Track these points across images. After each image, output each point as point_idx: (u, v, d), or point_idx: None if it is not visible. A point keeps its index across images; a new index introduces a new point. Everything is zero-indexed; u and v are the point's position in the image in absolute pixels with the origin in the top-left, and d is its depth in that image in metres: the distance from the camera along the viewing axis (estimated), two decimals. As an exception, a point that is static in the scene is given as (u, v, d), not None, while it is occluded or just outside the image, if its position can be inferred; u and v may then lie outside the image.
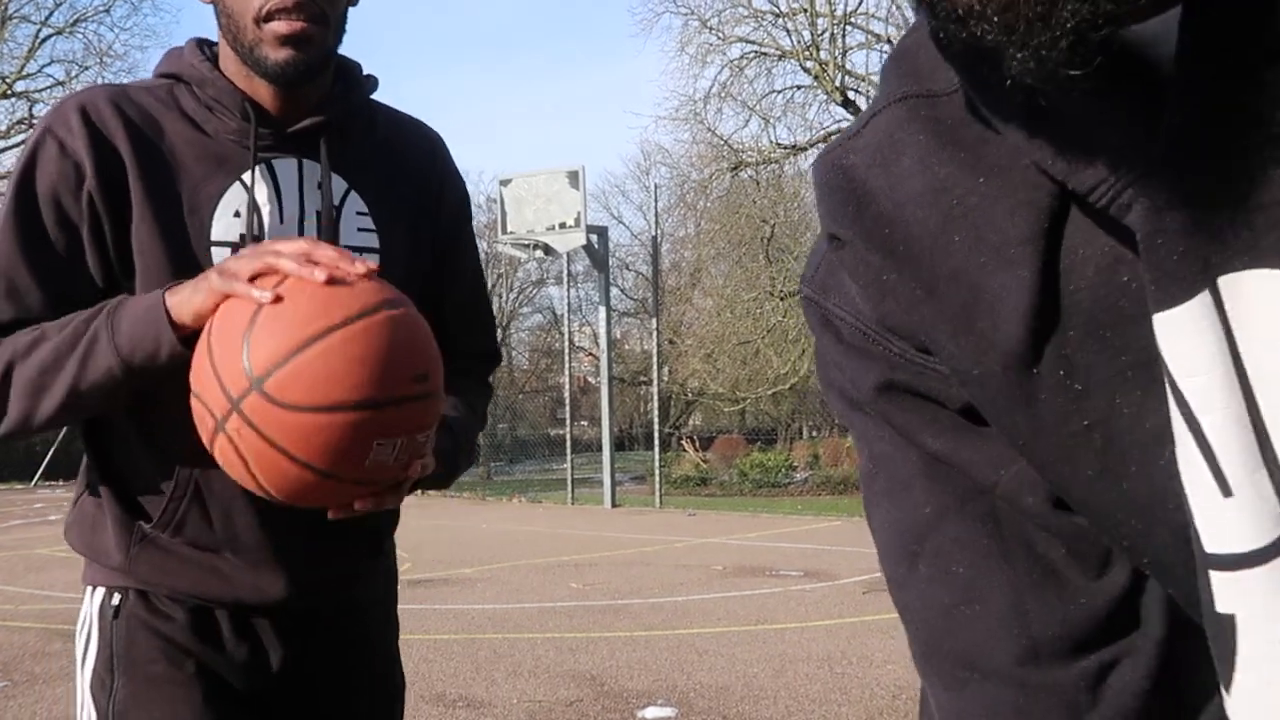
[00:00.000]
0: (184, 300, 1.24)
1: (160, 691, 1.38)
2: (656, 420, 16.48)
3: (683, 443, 21.87)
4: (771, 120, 18.88)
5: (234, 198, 1.39)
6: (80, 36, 26.00)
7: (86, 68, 25.43)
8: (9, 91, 24.91)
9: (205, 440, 1.21)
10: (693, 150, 20.40)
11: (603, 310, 16.73)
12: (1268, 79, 0.44)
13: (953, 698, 0.61)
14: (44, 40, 25.01)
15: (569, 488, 16.85)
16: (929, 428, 0.61)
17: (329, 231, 1.41)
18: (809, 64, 18.05)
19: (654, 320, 17.53)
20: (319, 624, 1.49)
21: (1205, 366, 0.48)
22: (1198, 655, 0.54)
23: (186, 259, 1.35)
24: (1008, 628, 0.59)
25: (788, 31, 18.43)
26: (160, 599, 1.41)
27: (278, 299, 1.17)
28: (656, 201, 18.37)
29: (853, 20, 18.07)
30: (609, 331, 16.90)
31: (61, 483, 21.52)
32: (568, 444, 17.17)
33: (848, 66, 18.24)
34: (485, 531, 10.76)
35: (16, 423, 1.33)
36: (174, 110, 1.40)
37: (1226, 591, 0.49)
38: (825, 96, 18.19)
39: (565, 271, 18.19)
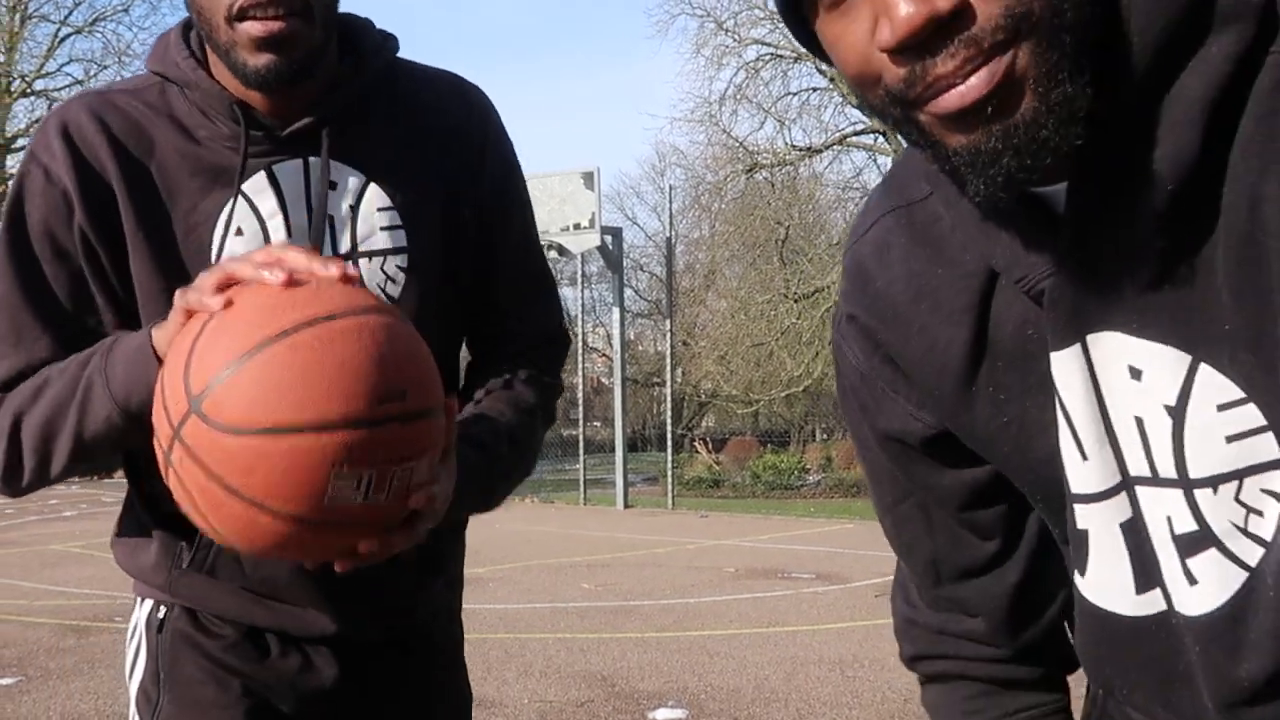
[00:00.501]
0: (163, 332, 1.12)
1: (205, 715, 1.32)
2: (669, 421, 16.48)
3: (695, 444, 21.85)
4: (787, 122, 18.89)
5: (235, 214, 1.26)
6: (99, 35, 26.22)
7: (105, 66, 25.56)
8: (29, 90, 25.06)
9: (164, 477, 1.04)
10: (708, 152, 20.42)
11: (616, 311, 16.73)
12: (1112, 229, 0.74)
13: (901, 597, 1.11)
14: (63, 39, 25.18)
15: (581, 488, 16.85)
16: (889, 453, 1.00)
17: (339, 240, 1.26)
18: (824, 66, 18.03)
19: (668, 322, 17.53)
20: (376, 645, 1.39)
21: (1076, 386, 0.81)
22: (1035, 593, 1.00)
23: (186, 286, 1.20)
24: (923, 571, 1.04)
25: (804, 33, 18.43)
26: (208, 617, 1.35)
27: (228, 304, 1.01)
28: (671, 203, 18.39)
29: (869, 22, 18.06)
30: (622, 332, 16.90)
31: (77, 480, 21.62)
32: (580, 444, 17.17)
33: (864, 69, 18.22)
34: (497, 531, 10.77)
35: (33, 479, 1.26)
36: (164, 117, 1.26)
37: (1084, 516, 0.86)
38: (841, 99, 18.16)
39: (579, 272, 18.19)
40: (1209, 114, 0.70)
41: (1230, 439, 0.75)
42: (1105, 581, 0.86)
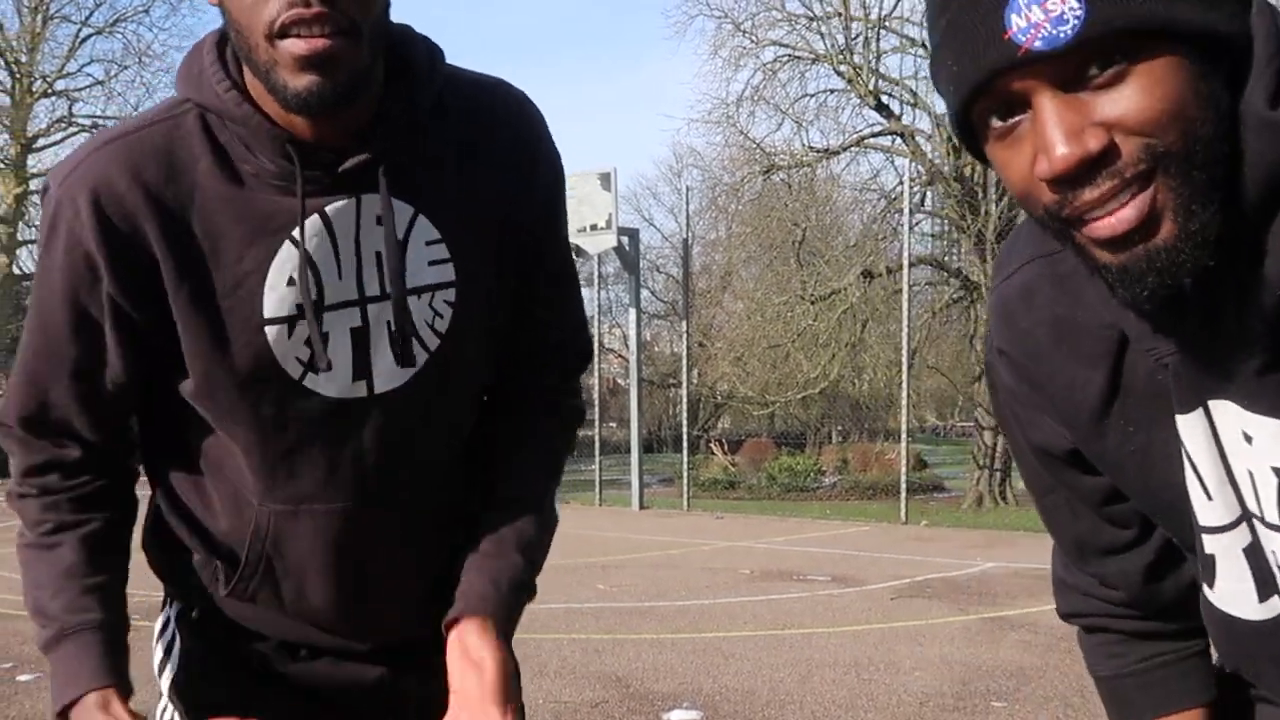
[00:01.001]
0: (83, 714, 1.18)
1: (238, 701, 1.31)
2: (685, 423, 16.48)
3: (711, 445, 21.84)
4: (804, 124, 18.82)
5: (285, 261, 1.17)
6: (120, 36, 26.31)
7: (126, 67, 25.71)
8: (50, 90, 25.22)
9: None
10: (725, 153, 20.38)
11: (633, 312, 16.74)
12: (1229, 323, 0.88)
13: (1057, 561, 1.25)
14: (84, 40, 25.33)
15: (597, 489, 16.86)
16: (1040, 459, 1.13)
17: (394, 276, 1.21)
18: (842, 68, 17.98)
19: (684, 323, 17.52)
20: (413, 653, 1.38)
21: (1199, 441, 0.97)
22: (1167, 571, 1.14)
23: (240, 342, 1.18)
24: (1070, 550, 1.21)
25: (821, 35, 18.36)
26: (239, 628, 1.35)
27: None
28: (688, 204, 18.40)
29: (887, 24, 17.98)
30: (639, 333, 16.91)
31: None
32: (596, 445, 17.18)
33: (881, 70, 18.15)
34: (513, 532, 10.77)
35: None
36: (204, 153, 1.16)
37: (1211, 543, 1.02)
38: (859, 100, 18.11)
39: (595, 273, 18.20)
40: None
41: None
42: (1232, 593, 1.04)
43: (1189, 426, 0.96)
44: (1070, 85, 0.82)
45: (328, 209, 1.17)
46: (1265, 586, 1.01)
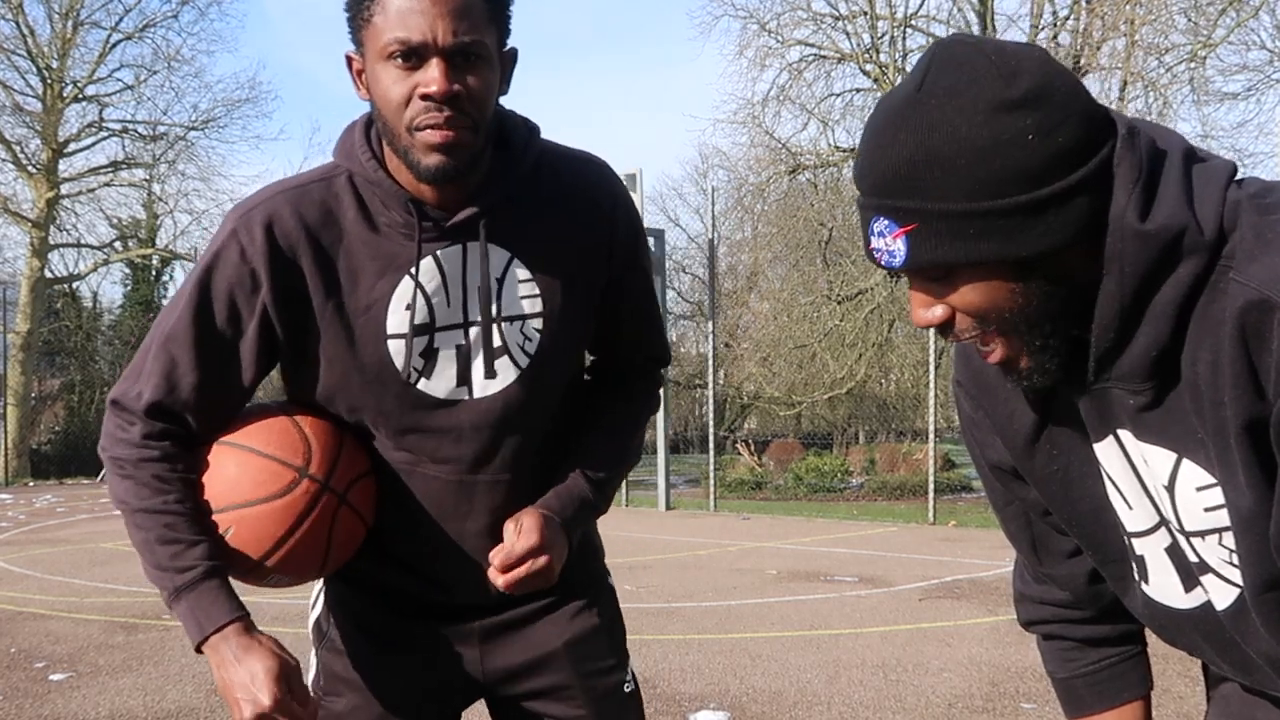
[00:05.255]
0: (213, 658, 1.49)
1: (356, 645, 1.66)
2: (712, 423, 16.46)
3: (738, 446, 21.81)
4: (830, 123, 18.80)
5: (404, 292, 1.52)
6: (149, 41, 26.49)
7: (155, 72, 25.94)
8: (80, 95, 25.47)
9: None
10: (750, 153, 20.36)
11: (659, 313, 16.72)
12: (1119, 373, 1.13)
13: (1016, 576, 1.51)
14: (114, 45, 25.57)
15: (624, 489, 16.87)
16: (995, 474, 1.39)
17: (486, 308, 1.54)
18: (869, 67, 17.94)
19: (710, 323, 17.50)
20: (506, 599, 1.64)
21: (1115, 461, 1.22)
22: (1110, 582, 1.35)
23: (366, 352, 1.52)
24: (1027, 554, 1.44)
25: (847, 34, 18.33)
26: (371, 577, 1.66)
27: None
28: (714, 204, 18.34)
29: (913, 23, 17.92)
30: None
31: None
32: (623, 446, 17.15)
33: (908, 69, 18.09)
34: (540, 532, 10.78)
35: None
36: (351, 206, 1.52)
37: (1139, 545, 1.25)
38: (885, 99, 18.05)
39: (622, 274, 18.14)
40: (1176, 313, 1.08)
41: (1207, 509, 1.15)
42: (1163, 586, 1.26)
43: (1104, 451, 1.22)
44: (921, 279, 1.13)
45: (439, 253, 1.52)
46: (1189, 579, 1.23)
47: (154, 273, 29.75)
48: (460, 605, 1.66)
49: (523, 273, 1.55)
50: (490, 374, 1.55)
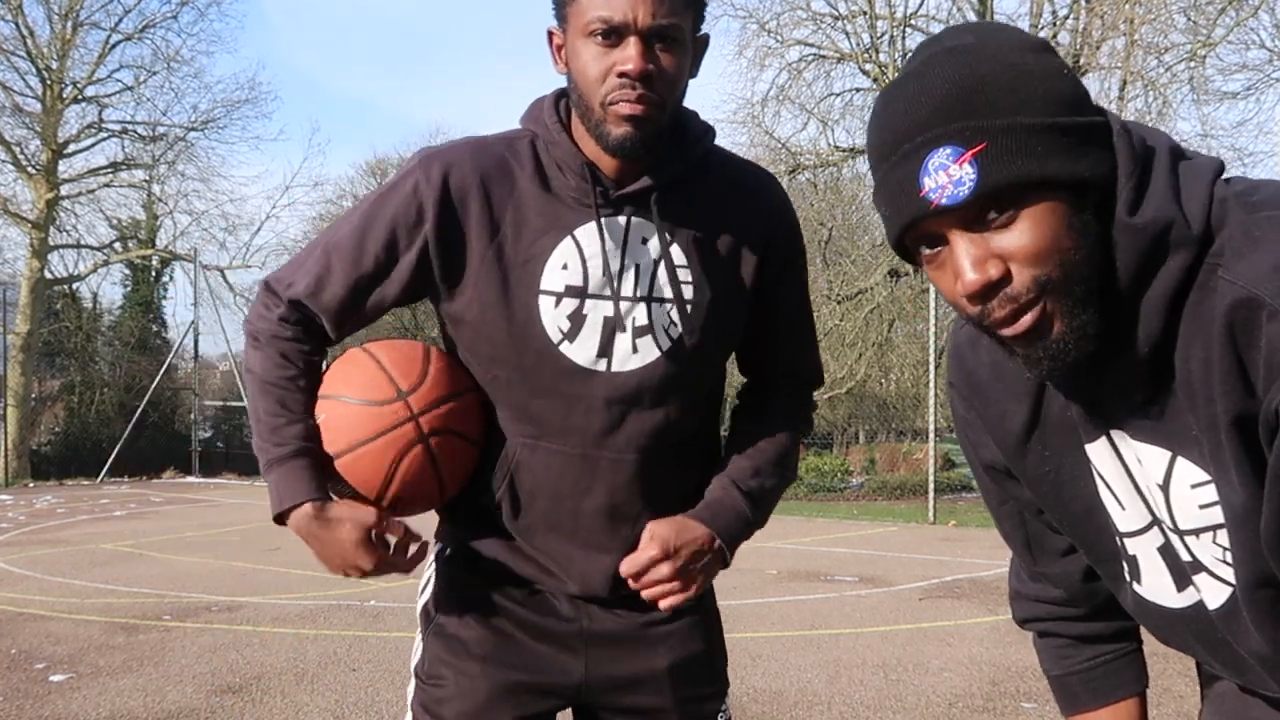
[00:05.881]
0: (298, 534, 1.61)
1: (463, 631, 1.68)
2: (712, 423, 16.42)
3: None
4: (830, 123, 18.80)
5: (564, 252, 1.58)
6: (149, 42, 26.52)
7: (155, 72, 25.95)
8: (80, 96, 25.46)
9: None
10: (750, 153, 20.35)
11: (658, 313, 16.69)
12: (1115, 374, 1.13)
13: (1012, 575, 1.54)
14: (113, 46, 25.57)
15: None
16: (989, 474, 1.40)
17: (640, 284, 1.59)
18: (868, 66, 17.94)
19: (710, 323, 17.47)
20: (612, 605, 1.68)
21: (1108, 462, 1.22)
22: (1105, 580, 1.35)
23: (517, 301, 1.58)
24: (1021, 552, 1.45)
25: (847, 34, 18.34)
26: (482, 564, 1.68)
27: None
28: (713, 204, 18.30)
29: (913, 22, 17.92)
30: (665, 334, 16.86)
31: (127, 479, 21.95)
32: (623, 446, 17.14)
33: (907, 69, 18.09)
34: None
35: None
36: (529, 165, 1.60)
37: (1132, 545, 1.25)
38: (884, 99, 18.06)
39: (621, 274, 18.15)
40: (1168, 307, 1.07)
41: (1202, 506, 1.14)
42: (1155, 586, 1.26)
43: (1097, 452, 1.22)
44: (974, 226, 1.06)
45: (604, 221, 1.58)
46: (1181, 579, 1.23)
47: (154, 273, 29.75)
48: (572, 598, 1.67)
49: (680, 257, 1.60)
50: (633, 350, 1.59)
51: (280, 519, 1.61)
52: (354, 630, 6.63)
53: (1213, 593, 1.20)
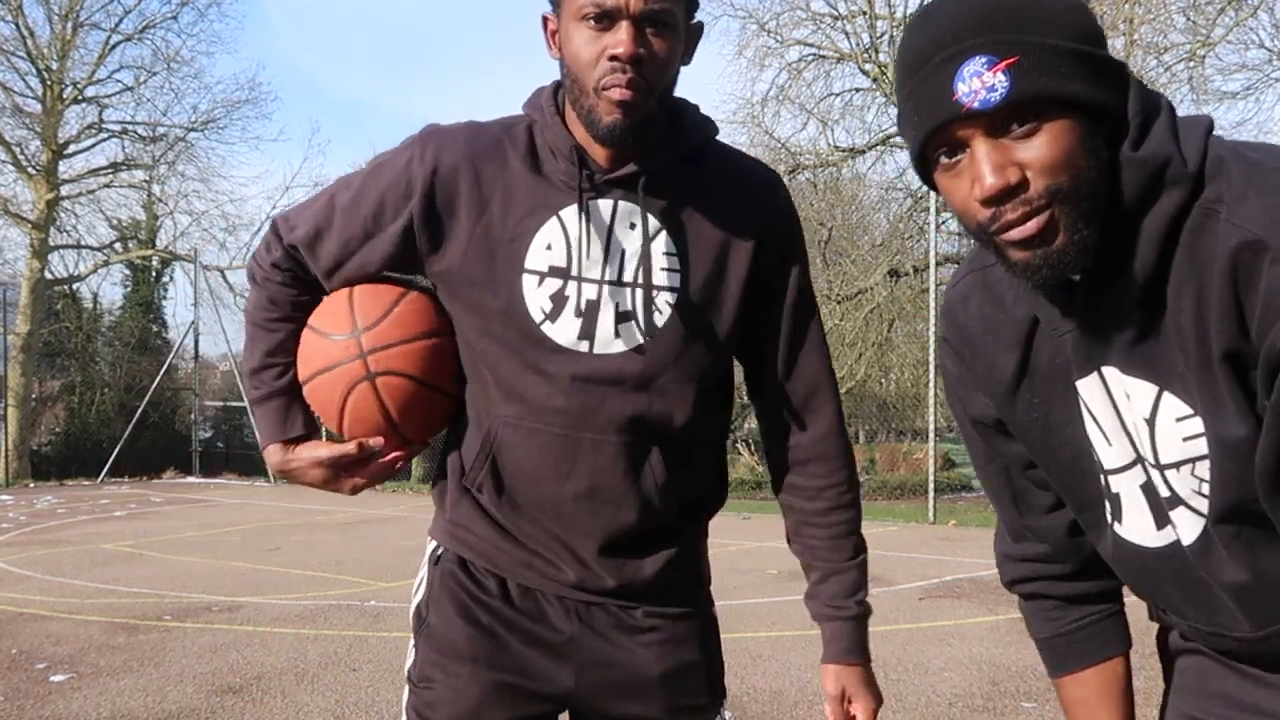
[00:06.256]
0: (268, 458, 1.75)
1: (454, 635, 1.68)
2: (712, 423, 16.42)
3: (738, 446, 21.82)
4: (830, 123, 18.81)
5: (549, 232, 1.60)
6: (148, 43, 26.51)
7: (155, 73, 25.92)
8: (80, 97, 25.45)
9: None
10: (750, 153, 20.27)
11: (659, 313, 16.68)
12: (1108, 306, 1.21)
13: (999, 538, 1.56)
14: (114, 46, 25.54)
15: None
16: (977, 430, 1.46)
17: (624, 269, 1.59)
18: (868, 66, 17.94)
19: (710, 323, 17.46)
20: (606, 593, 1.66)
21: (1098, 398, 1.28)
22: (1085, 530, 1.42)
23: (501, 279, 1.60)
24: (1008, 507, 1.50)
25: (846, 34, 18.34)
26: (471, 564, 1.70)
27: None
28: (713, 204, 18.30)
29: (912, 22, 17.91)
30: (665, 334, 16.85)
31: (127, 480, 21.94)
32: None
33: (907, 68, 18.09)
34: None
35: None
36: (520, 149, 1.62)
37: (1115, 483, 1.31)
38: (884, 99, 18.06)
39: (621, 274, 18.14)
40: (1161, 241, 1.16)
41: (1185, 439, 1.21)
42: (1135, 525, 1.32)
43: (1087, 387, 1.29)
44: (997, 134, 1.15)
45: (590, 204, 1.59)
46: (1160, 517, 1.29)
47: (154, 274, 29.73)
48: (562, 600, 1.66)
49: (668, 244, 1.60)
50: (615, 334, 1.59)
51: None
52: (354, 630, 6.63)
53: (1188, 526, 1.26)
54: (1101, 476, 1.33)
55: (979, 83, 1.13)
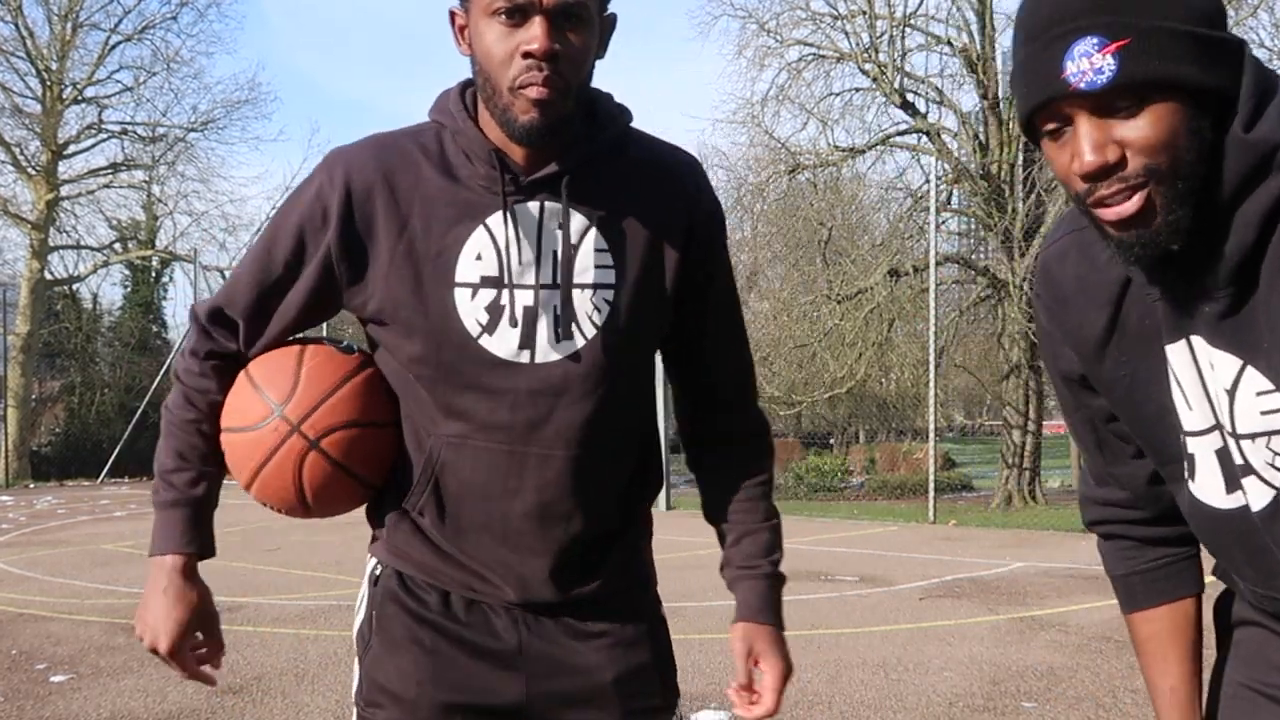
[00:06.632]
0: (149, 575, 1.63)
1: (399, 656, 1.62)
2: (712, 423, 16.43)
3: (738, 446, 21.79)
4: (829, 123, 18.78)
5: (477, 242, 1.53)
6: (148, 43, 26.53)
7: (154, 73, 25.94)
8: (80, 97, 25.46)
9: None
10: (750, 153, 20.34)
11: (658, 313, 16.68)
12: (1201, 279, 1.24)
13: (1083, 481, 1.62)
14: (113, 47, 25.56)
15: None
16: (1065, 383, 1.50)
17: (565, 270, 1.54)
18: (867, 66, 17.93)
19: (710, 323, 17.46)
20: (553, 615, 1.63)
21: (1184, 363, 1.31)
22: (1166, 481, 1.45)
23: (431, 296, 1.53)
24: (1094, 454, 1.54)
25: (846, 34, 18.32)
26: (411, 579, 1.63)
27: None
28: (713, 204, 18.28)
29: (912, 22, 17.91)
30: (665, 334, 16.86)
31: (127, 480, 21.94)
32: (623, 446, 17.14)
33: (907, 69, 18.08)
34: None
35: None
36: (434, 158, 1.55)
37: (1192, 444, 1.35)
38: (884, 99, 18.05)
39: (621, 274, 18.12)
40: (1261, 225, 1.19)
41: (1263, 413, 1.27)
42: (1207, 486, 1.36)
43: (1175, 353, 1.33)
44: (1101, 113, 1.18)
45: (516, 208, 1.53)
46: (1231, 482, 1.34)
47: (154, 274, 29.76)
48: (510, 610, 1.61)
49: (599, 242, 1.55)
50: (555, 340, 1.53)
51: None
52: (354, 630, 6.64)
53: (1258, 495, 1.31)
54: (1181, 436, 1.36)
55: (1087, 64, 1.16)
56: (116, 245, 28.39)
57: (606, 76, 1.57)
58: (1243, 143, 1.17)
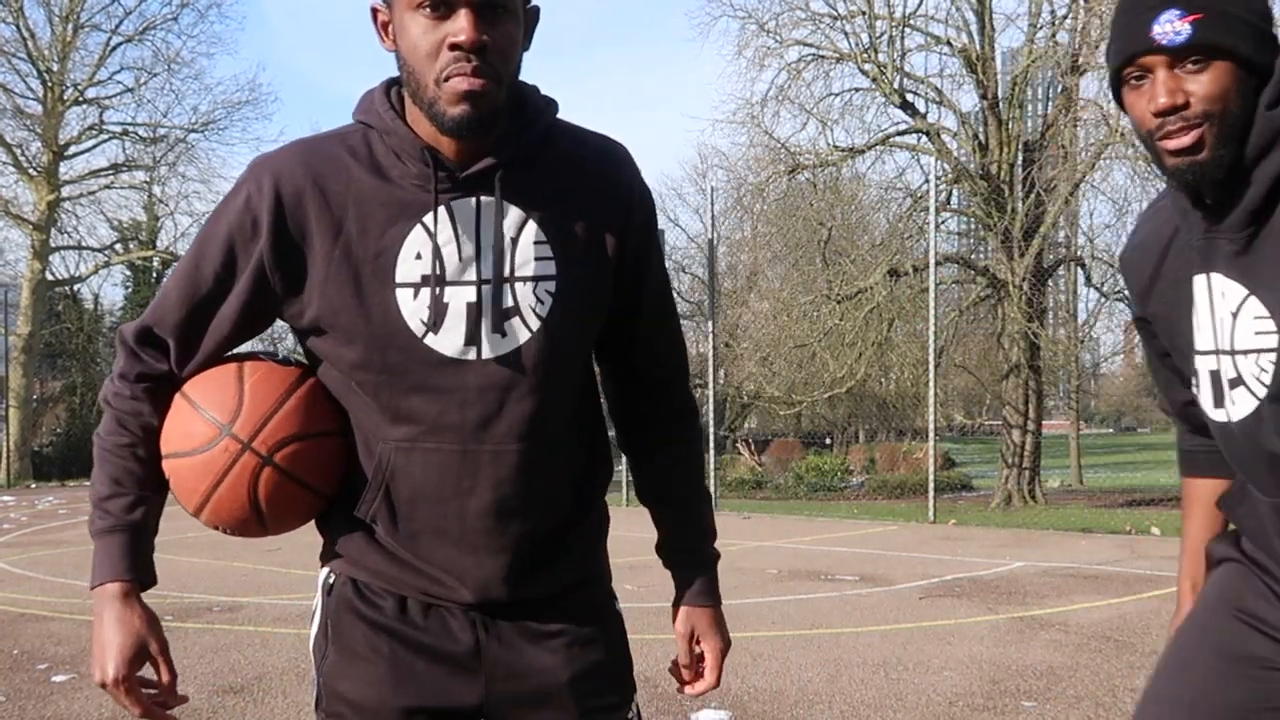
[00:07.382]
0: (98, 596, 1.56)
1: (357, 665, 1.61)
2: (712, 423, 16.46)
3: (738, 445, 21.83)
4: (829, 123, 18.77)
5: (415, 241, 1.51)
6: (149, 44, 26.53)
7: (155, 74, 25.96)
8: (81, 98, 25.48)
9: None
10: (749, 153, 20.33)
11: (659, 313, 16.67)
12: (1228, 221, 1.66)
13: (1162, 399, 2.07)
14: (114, 48, 25.60)
15: (624, 489, 16.88)
16: (1139, 323, 1.94)
17: (506, 264, 1.53)
18: (867, 66, 17.93)
19: (710, 323, 17.51)
20: (509, 617, 1.63)
21: (1202, 294, 1.75)
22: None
23: (372, 299, 1.51)
24: (1165, 387, 2.01)
25: (846, 34, 18.32)
26: (366, 586, 1.63)
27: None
28: (713, 204, 18.35)
29: (911, 22, 17.91)
30: (665, 334, 16.84)
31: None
32: (623, 446, 17.14)
33: (906, 69, 18.08)
34: (541, 533, 10.78)
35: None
36: (364, 159, 1.53)
37: (1199, 362, 1.78)
38: (884, 99, 18.05)
39: (622, 274, 18.12)
40: (1270, 183, 1.60)
41: (1257, 334, 1.64)
42: (1205, 400, 1.76)
43: (1198, 285, 1.72)
44: (1174, 67, 1.60)
45: (453, 204, 1.51)
46: (1218, 399, 1.73)
47: (155, 275, 29.76)
48: (468, 612, 1.61)
49: (537, 233, 1.54)
50: (500, 334, 1.52)
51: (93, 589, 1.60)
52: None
53: (1243, 405, 1.68)
54: (1193, 356, 1.76)
55: (1170, 27, 1.59)
56: (118, 246, 28.41)
57: (602, 78, 1.58)
58: (1265, 116, 1.59)
